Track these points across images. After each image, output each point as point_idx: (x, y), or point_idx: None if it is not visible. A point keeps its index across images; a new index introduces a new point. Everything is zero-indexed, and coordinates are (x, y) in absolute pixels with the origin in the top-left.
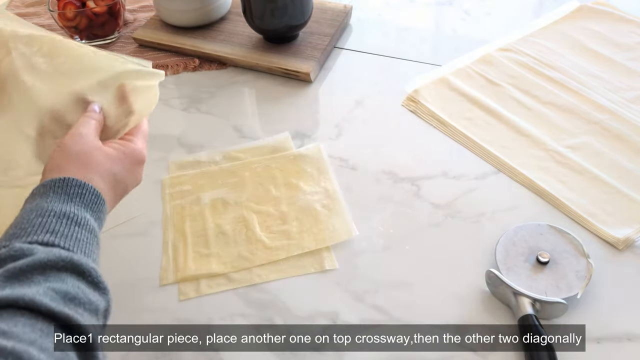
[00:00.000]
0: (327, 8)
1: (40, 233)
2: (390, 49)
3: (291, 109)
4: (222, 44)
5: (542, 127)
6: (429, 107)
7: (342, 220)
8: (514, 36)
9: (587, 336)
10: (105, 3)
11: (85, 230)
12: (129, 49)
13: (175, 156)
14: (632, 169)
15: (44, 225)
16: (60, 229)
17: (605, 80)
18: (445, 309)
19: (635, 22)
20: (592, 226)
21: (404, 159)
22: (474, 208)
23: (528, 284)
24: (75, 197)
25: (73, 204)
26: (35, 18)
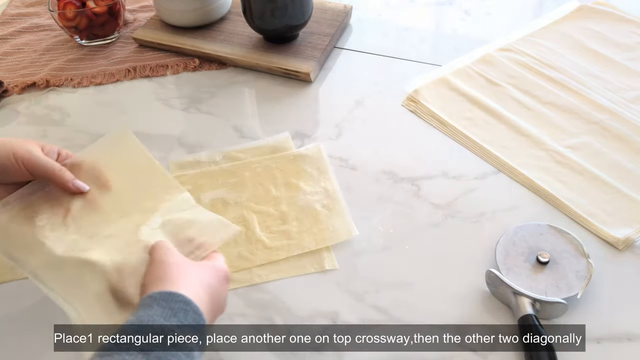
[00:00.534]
0: (327, 8)
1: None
2: (390, 49)
3: (291, 109)
4: (222, 44)
5: (542, 127)
6: (429, 107)
7: (342, 220)
8: (514, 36)
9: (587, 336)
10: (105, 3)
11: (181, 351)
12: (129, 49)
13: (175, 156)
14: (632, 169)
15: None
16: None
17: (605, 80)
18: (445, 309)
19: (635, 22)
20: (592, 226)
21: (404, 159)
22: (474, 208)
23: (528, 284)
24: (179, 312)
25: (176, 319)
26: (35, 18)
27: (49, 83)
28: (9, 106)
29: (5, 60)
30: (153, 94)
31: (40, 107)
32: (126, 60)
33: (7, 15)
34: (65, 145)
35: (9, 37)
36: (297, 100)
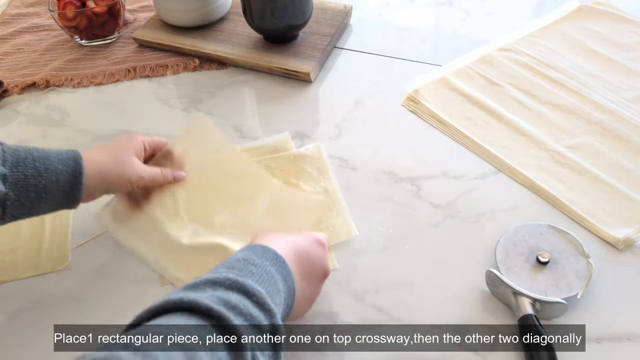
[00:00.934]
0: (327, 8)
1: (221, 269)
2: (390, 49)
3: (291, 109)
4: (222, 44)
5: (542, 127)
6: (429, 107)
7: (342, 220)
8: (514, 36)
9: (587, 336)
10: (105, 3)
11: (262, 269)
12: (129, 49)
13: None
14: (632, 169)
15: (224, 264)
16: (236, 265)
17: (605, 80)
18: (445, 309)
19: (635, 22)
20: (592, 226)
21: (404, 159)
22: (474, 208)
23: (528, 284)
24: (258, 251)
25: (255, 256)
26: (35, 18)
27: (49, 83)
28: (9, 106)
29: (5, 60)
30: (153, 94)
31: (40, 107)
32: (126, 60)
33: (7, 15)
34: (66, 145)
35: (9, 37)
36: (297, 100)
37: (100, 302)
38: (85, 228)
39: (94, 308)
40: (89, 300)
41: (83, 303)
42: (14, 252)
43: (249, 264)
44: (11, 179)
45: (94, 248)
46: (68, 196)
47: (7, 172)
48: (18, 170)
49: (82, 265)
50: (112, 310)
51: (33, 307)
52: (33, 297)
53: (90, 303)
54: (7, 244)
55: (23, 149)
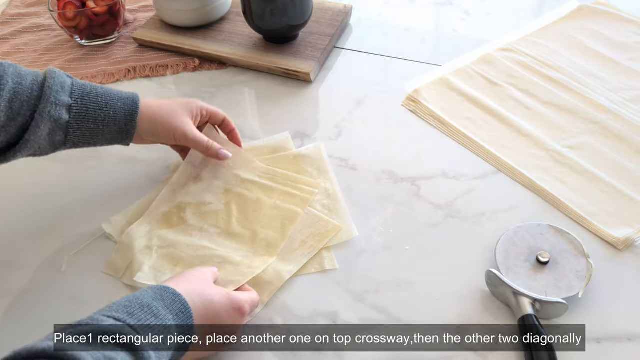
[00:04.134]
0: (327, 8)
1: (122, 312)
2: (390, 49)
3: (291, 109)
4: (222, 44)
5: (542, 127)
6: (429, 107)
7: (342, 220)
8: (514, 36)
9: (587, 336)
10: (105, 3)
11: (161, 328)
12: (129, 49)
13: (176, 156)
14: (632, 169)
15: (126, 307)
16: (137, 313)
17: (605, 80)
18: (445, 309)
19: (635, 22)
20: (592, 226)
21: (404, 159)
22: (474, 208)
23: (528, 284)
24: (166, 300)
25: (161, 303)
26: (35, 18)
27: None
28: None
29: (6, 60)
30: (153, 94)
31: None
32: (126, 60)
33: (7, 15)
34: None
35: (9, 37)
36: (297, 100)
37: (101, 303)
38: (85, 228)
39: (94, 308)
40: (89, 300)
41: (83, 303)
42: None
43: (151, 315)
44: (75, 110)
45: (94, 248)
46: (122, 132)
47: (72, 103)
48: (82, 102)
49: (82, 266)
50: None
51: (33, 307)
52: (33, 297)
53: (90, 303)
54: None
55: (89, 85)
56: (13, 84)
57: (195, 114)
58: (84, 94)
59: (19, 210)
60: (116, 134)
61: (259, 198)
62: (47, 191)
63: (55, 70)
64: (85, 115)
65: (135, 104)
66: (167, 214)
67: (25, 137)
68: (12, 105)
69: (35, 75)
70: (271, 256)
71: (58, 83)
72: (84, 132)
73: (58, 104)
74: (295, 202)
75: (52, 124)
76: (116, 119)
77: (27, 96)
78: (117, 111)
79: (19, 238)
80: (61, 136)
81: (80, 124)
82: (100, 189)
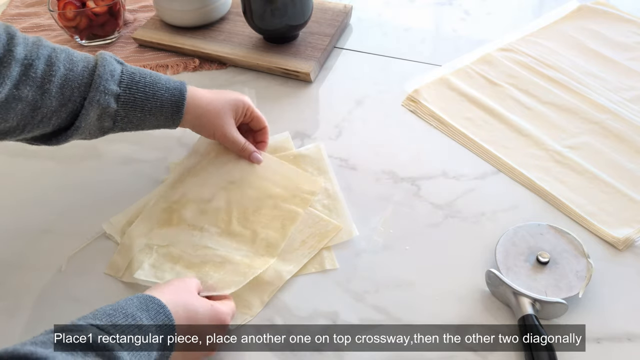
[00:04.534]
0: (327, 8)
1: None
2: (390, 49)
3: (291, 109)
4: (222, 44)
5: (542, 127)
6: (429, 107)
7: (343, 220)
8: (514, 36)
9: (587, 336)
10: (105, 3)
11: (144, 342)
12: (129, 49)
13: (176, 156)
14: (632, 169)
15: (114, 312)
16: (120, 323)
17: (605, 80)
18: (445, 309)
19: (635, 22)
20: (592, 226)
21: (404, 159)
22: (474, 208)
23: (528, 284)
24: (151, 311)
25: (146, 314)
26: (35, 18)
27: None
28: None
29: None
30: None
31: None
32: (126, 60)
33: (7, 15)
34: (66, 145)
35: None
36: (297, 100)
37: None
38: (85, 228)
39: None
40: (89, 300)
41: (83, 303)
42: None
43: (134, 328)
44: (123, 99)
45: (94, 248)
46: (168, 121)
47: (121, 92)
48: (130, 92)
49: (82, 266)
50: None
51: (33, 307)
52: (33, 297)
53: (91, 303)
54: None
55: (139, 73)
56: (64, 70)
57: (241, 114)
58: (132, 83)
59: (19, 210)
60: (163, 122)
61: (259, 197)
62: (47, 191)
63: (106, 56)
64: (133, 104)
65: (182, 95)
66: (167, 211)
67: (76, 124)
68: (64, 91)
69: (87, 62)
70: (272, 256)
71: (108, 71)
72: (131, 119)
73: (107, 92)
74: (296, 202)
75: (100, 111)
76: (162, 110)
77: (78, 83)
78: (164, 102)
79: (19, 238)
80: (110, 122)
81: (127, 112)
82: (100, 189)
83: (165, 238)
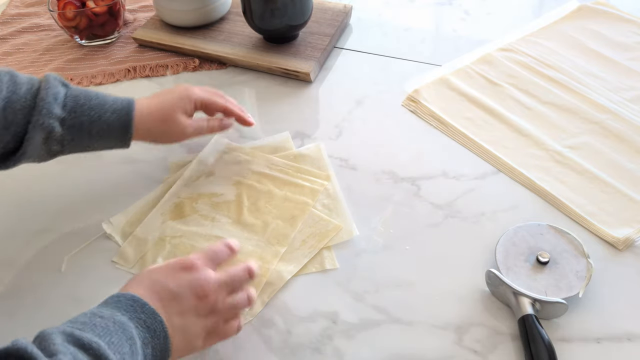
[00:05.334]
0: (327, 8)
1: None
2: (390, 49)
3: (291, 109)
4: (222, 44)
5: (542, 127)
6: (429, 107)
7: (343, 220)
8: (514, 36)
9: (587, 336)
10: (105, 3)
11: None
12: (129, 49)
13: (176, 156)
14: (632, 169)
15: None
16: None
17: (605, 80)
18: (445, 309)
19: (635, 22)
20: (592, 226)
21: (404, 159)
22: (474, 208)
23: (528, 284)
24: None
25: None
26: (35, 18)
27: None
28: None
29: (6, 60)
30: None
31: None
32: (126, 60)
33: (7, 15)
34: None
35: (9, 37)
36: (297, 100)
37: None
38: (85, 228)
39: None
40: (89, 300)
41: (83, 303)
42: None
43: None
44: (68, 122)
45: (94, 248)
46: (118, 142)
47: (66, 116)
48: (75, 115)
49: (82, 266)
50: None
51: (33, 307)
52: (33, 297)
53: (90, 303)
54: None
55: (84, 95)
56: (7, 92)
57: (190, 108)
58: (77, 106)
59: (18, 210)
60: (113, 143)
61: (269, 190)
62: (47, 191)
63: (50, 78)
64: (79, 127)
65: (129, 116)
66: (179, 205)
67: (22, 148)
68: (6, 114)
69: (31, 84)
70: (282, 246)
71: (51, 94)
72: (78, 143)
73: (50, 116)
74: (305, 193)
75: (46, 135)
76: (110, 132)
77: (21, 105)
78: (110, 124)
79: (19, 238)
80: (57, 146)
81: (74, 136)
82: (100, 189)
83: (177, 229)
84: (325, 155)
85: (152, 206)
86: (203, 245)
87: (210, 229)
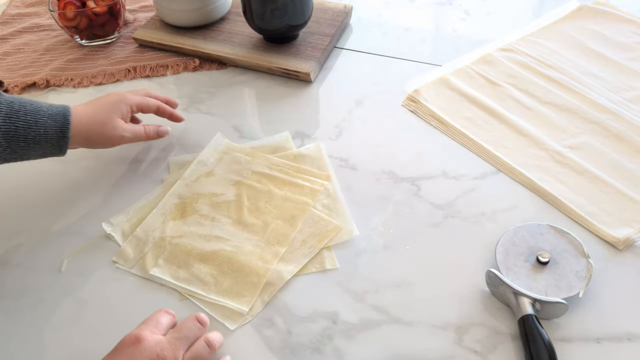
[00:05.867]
0: (327, 8)
1: None
2: (390, 49)
3: (291, 109)
4: (222, 44)
5: (542, 127)
6: (429, 107)
7: (343, 220)
8: (514, 36)
9: (587, 336)
10: (105, 3)
11: None
12: (129, 49)
13: (176, 156)
14: (632, 169)
15: None
16: None
17: (605, 80)
18: (445, 309)
19: (635, 22)
20: (592, 226)
21: (404, 159)
22: (474, 208)
23: (528, 284)
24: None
25: None
26: (35, 18)
27: (49, 83)
28: None
29: (6, 60)
30: None
31: None
32: (126, 60)
33: (7, 15)
34: None
35: (9, 37)
36: (297, 100)
37: (101, 303)
38: (85, 228)
39: (94, 308)
40: (89, 300)
41: (83, 303)
42: None
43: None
44: (4, 129)
45: (94, 248)
46: (55, 148)
47: (0, 122)
48: (10, 121)
49: (82, 266)
50: (112, 310)
51: (33, 307)
52: (33, 297)
53: (90, 303)
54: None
55: (18, 102)
56: None
57: (126, 112)
58: (11, 112)
59: (18, 210)
60: (49, 149)
61: (269, 190)
62: (47, 191)
63: None
64: (14, 133)
65: (66, 120)
66: (180, 205)
67: None
68: None
69: None
70: (282, 246)
71: None
72: (14, 149)
73: None
74: (305, 193)
75: None
76: (47, 137)
77: None
78: (47, 129)
79: (19, 238)
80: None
81: (9, 143)
82: (100, 189)
83: (177, 229)
84: (325, 155)
85: (152, 206)
86: (203, 245)
87: (211, 229)
